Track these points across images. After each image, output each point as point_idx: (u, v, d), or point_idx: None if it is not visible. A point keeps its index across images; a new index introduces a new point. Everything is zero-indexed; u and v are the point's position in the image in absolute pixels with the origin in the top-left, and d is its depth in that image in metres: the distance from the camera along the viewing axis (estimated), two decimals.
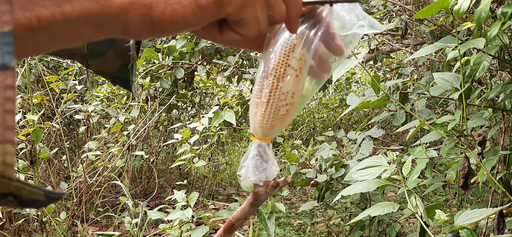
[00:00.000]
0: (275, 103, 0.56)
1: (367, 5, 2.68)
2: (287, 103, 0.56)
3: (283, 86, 0.55)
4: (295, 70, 0.55)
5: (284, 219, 3.02)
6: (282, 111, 0.56)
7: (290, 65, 0.55)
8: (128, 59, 0.55)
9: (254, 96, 0.58)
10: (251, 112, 0.58)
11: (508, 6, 1.23)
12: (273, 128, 0.57)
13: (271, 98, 0.56)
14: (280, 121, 0.57)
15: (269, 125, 0.57)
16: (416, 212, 1.22)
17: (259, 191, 0.62)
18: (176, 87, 3.23)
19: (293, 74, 0.55)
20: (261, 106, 0.57)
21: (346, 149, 2.34)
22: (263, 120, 0.57)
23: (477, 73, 1.29)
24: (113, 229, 2.84)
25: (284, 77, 0.55)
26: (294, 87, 0.56)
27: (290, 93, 0.56)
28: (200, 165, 2.35)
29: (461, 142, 1.34)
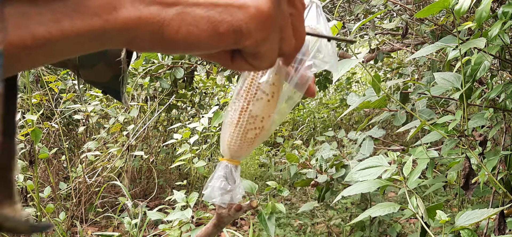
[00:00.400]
0: (243, 125, 0.55)
1: (368, 4, 2.68)
2: (256, 127, 0.55)
3: (253, 109, 0.54)
4: (266, 95, 0.54)
5: (284, 220, 3.01)
6: (250, 134, 0.55)
7: (260, 89, 0.54)
8: (119, 70, 0.54)
9: (227, 115, 0.57)
10: (222, 131, 0.57)
11: (509, 5, 1.23)
12: (241, 150, 0.56)
13: (240, 120, 0.55)
14: (247, 144, 0.56)
15: (237, 147, 0.56)
16: (417, 213, 1.22)
17: (222, 213, 0.61)
18: (175, 87, 3.22)
19: (264, 98, 0.54)
20: (230, 126, 0.56)
21: (346, 149, 2.33)
22: (231, 141, 0.56)
23: (478, 73, 1.28)
24: (112, 230, 2.83)
25: (254, 100, 0.54)
26: (264, 112, 0.54)
27: (259, 117, 0.55)
28: (199, 165, 2.34)
29: (462, 142, 1.33)
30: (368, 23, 2.67)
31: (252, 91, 0.54)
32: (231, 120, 0.56)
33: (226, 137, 0.57)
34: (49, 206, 2.18)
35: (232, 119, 0.56)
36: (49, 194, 2.30)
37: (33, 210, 2.11)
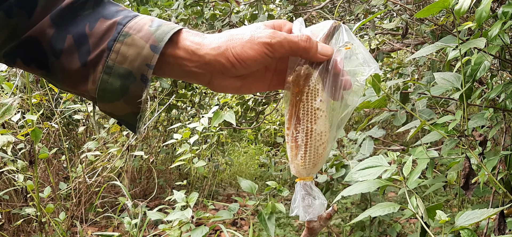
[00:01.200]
0: (313, 144, 0.62)
1: (368, 5, 2.67)
2: (323, 142, 0.62)
3: (317, 128, 0.61)
4: (323, 111, 0.62)
5: (284, 220, 3.01)
6: (320, 150, 0.62)
7: (319, 108, 0.61)
8: (137, 109, 0.57)
9: (289, 141, 0.64)
10: (290, 155, 0.64)
11: (509, 5, 1.23)
12: (316, 166, 0.63)
13: (309, 141, 0.62)
14: (320, 158, 0.63)
15: (312, 164, 0.63)
16: (417, 213, 1.22)
17: (314, 225, 0.69)
18: (175, 87, 3.22)
19: (323, 115, 0.61)
20: (300, 150, 0.62)
21: (346, 149, 2.33)
22: (305, 163, 0.63)
23: (478, 73, 1.28)
24: (112, 230, 2.83)
25: (316, 119, 0.61)
26: (325, 126, 0.62)
27: (324, 132, 0.62)
28: (199, 165, 2.34)
29: (462, 142, 1.33)
30: (368, 23, 2.67)
31: (312, 113, 0.61)
32: (299, 144, 0.62)
33: (298, 160, 0.63)
34: (49, 206, 2.18)
35: (300, 143, 0.62)
36: (49, 194, 2.30)
37: (33, 210, 2.11)
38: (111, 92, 0.55)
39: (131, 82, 0.54)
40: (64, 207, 2.63)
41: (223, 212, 1.79)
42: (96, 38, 0.54)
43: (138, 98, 0.55)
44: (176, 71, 0.59)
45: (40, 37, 0.55)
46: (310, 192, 0.63)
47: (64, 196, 2.80)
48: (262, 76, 0.64)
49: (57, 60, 0.55)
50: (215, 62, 0.58)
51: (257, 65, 0.58)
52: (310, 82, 0.61)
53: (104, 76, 0.54)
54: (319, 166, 0.64)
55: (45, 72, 0.57)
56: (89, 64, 0.54)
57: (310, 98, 0.61)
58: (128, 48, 0.54)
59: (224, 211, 1.80)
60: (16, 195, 2.59)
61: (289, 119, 0.63)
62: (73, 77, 0.56)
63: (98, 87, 0.55)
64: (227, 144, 4.18)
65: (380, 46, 2.87)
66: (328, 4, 2.83)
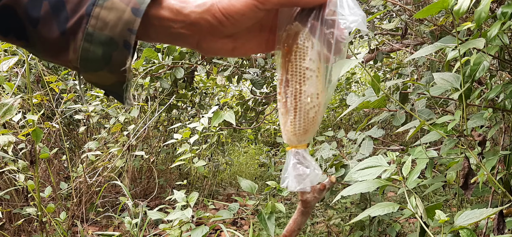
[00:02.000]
0: (303, 107, 0.56)
1: (367, 5, 2.68)
2: (314, 105, 0.56)
3: (307, 89, 0.56)
4: (313, 71, 0.56)
5: (284, 219, 3.02)
6: (311, 113, 0.56)
7: (308, 68, 0.55)
8: (123, 77, 0.54)
9: (280, 107, 0.58)
10: (281, 123, 0.58)
11: (508, 6, 1.23)
12: (307, 132, 0.57)
13: (298, 104, 0.56)
14: (311, 124, 0.57)
15: (302, 130, 0.57)
16: (416, 212, 1.22)
17: (308, 197, 0.60)
18: (176, 87, 3.23)
19: (313, 75, 0.56)
20: (290, 114, 0.57)
21: (346, 149, 2.34)
22: (295, 128, 0.57)
23: (477, 73, 1.29)
24: (113, 229, 2.84)
25: (305, 80, 0.55)
26: (317, 88, 0.56)
27: (315, 94, 0.56)
28: (200, 165, 2.34)
29: (461, 142, 1.34)
30: (368, 24, 2.68)
31: (300, 73, 0.55)
32: (288, 108, 0.56)
33: (288, 126, 0.57)
34: (50, 206, 2.19)
35: (289, 107, 0.56)
36: (49, 194, 2.31)
37: (34, 209, 2.11)
38: (93, 61, 0.52)
39: (113, 49, 0.52)
40: (65, 206, 2.64)
41: (223, 211, 1.80)
42: (73, 3, 0.51)
43: (122, 66, 0.53)
44: (162, 35, 0.55)
45: (15, 5, 0.52)
46: (303, 161, 0.57)
47: (64, 196, 2.81)
48: (257, 35, 0.59)
49: (35, 29, 0.53)
50: (201, 20, 0.54)
51: (246, 20, 0.54)
52: (298, 40, 0.55)
53: (85, 44, 0.51)
54: (311, 132, 0.57)
55: (24, 43, 0.55)
56: (69, 32, 0.52)
57: (299, 58, 0.55)
58: (108, 13, 0.51)
59: (224, 210, 1.81)
60: (17, 195, 2.59)
61: (280, 83, 0.57)
62: (53, 46, 0.53)
63: (79, 57, 0.52)
64: (227, 144, 4.19)
65: (379, 46, 2.87)
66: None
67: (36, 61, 2.68)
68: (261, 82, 3.05)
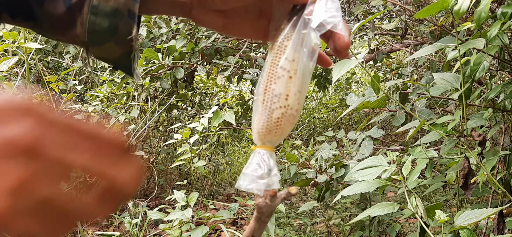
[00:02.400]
0: (268, 106, 0.54)
1: (367, 5, 2.68)
2: (281, 106, 0.53)
3: (276, 88, 0.53)
4: (287, 71, 0.53)
5: (284, 219, 3.02)
6: (275, 114, 0.54)
7: (281, 66, 0.53)
8: (130, 48, 0.55)
9: (255, 103, 0.56)
10: (252, 119, 0.56)
11: (508, 6, 1.23)
12: (270, 133, 0.54)
13: (265, 100, 0.54)
14: (275, 125, 0.54)
15: (265, 130, 0.54)
16: (416, 212, 1.22)
17: (260, 203, 0.60)
18: (176, 87, 3.23)
19: (285, 75, 0.53)
20: (256, 112, 0.55)
21: (346, 149, 2.34)
22: (259, 126, 0.55)
23: (477, 73, 1.29)
24: (113, 229, 2.84)
25: (275, 78, 0.53)
26: (287, 89, 0.54)
27: (283, 95, 0.53)
28: (200, 165, 2.34)
29: (461, 142, 1.34)
30: (368, 24, 2.68)
31: (273, 71, 0.54)
32: (257, 104, 0.55)
33: (254, 123, 0.55)
34: None
35: (257, 103, 0.55)
36: None
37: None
38: (100, 33, 0.53)
39: (119, 20, 0.53)
40: None
41: (223, 211, 1.80)
42: None
43: (128, 36, 0.54)
44: (161, 4, 0.57)
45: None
46: (262, 164, 0.55)
47: None
48: (254, 21, 0.59)
49: (41, 8, 0.54)
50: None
51: (236, 1, 0.54)
52: (279, 37, 0.54)
53: (91, 17, 0.53)
54: (274, 133, 0.55)
55: (32, 23, 0.56)
56: (74, 7, 0.53)
57: (275, 56, 0.54)
58: None
59: (224, 210, 1.81)
60: None
61: (259, 81, 0.56)
62: (60, 23, 0.54)
63: (87, 30, 0.53)
64: (227, 144, 4.19)
65: (379, 46, 2.87)
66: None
67: (36, 61, 2.68)
68: None
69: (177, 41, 2.85)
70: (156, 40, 3.07)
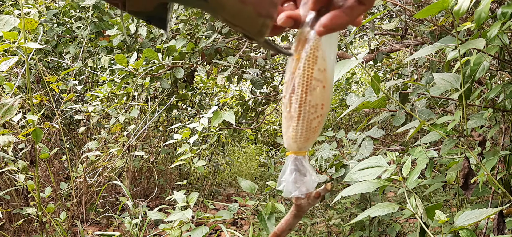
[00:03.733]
0: (306, 116, 0.57)
1: None
2: (318, 115, 0.57)
3: (312, 99, 0.56)
4: (321, 82, 0.56)
5: None
6: (314, 123, 0.57)
7: (315, 77, 0.56)
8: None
9: (284, 111, 0.59)
10: (283, 127, 0.59)
11: (508, 6, 1.23)
12: (308, 140, 0.58)
13: (302, 112, 0.57)
14: (313, 133, 0.58)
15: (303, 138, 0.58)
16: (416, 213, 1.22)
17: (302, 203, 0.62)
18: (176, 87, 3.23)
19: (320, 86, 0.56)
20: (292, 121, 0.58)
21: (346, 149, 2.34)
22: (296, 135, 0.58)
23: (477, 74, 1.29)
24: (113, 230, 2.83)
25: (311, 90, 0.56)
26: (322, 99, 0.57)
27: (319, 105, 0.57)
28: (200, 165, 2.34)
29: (461, 142, 1.34)
30: (368, 24, 2.68)
31: (307, 82, 0.56)
32: (292, 114, 0.57)
33: (290, 132, 0.58)
34: (50, 206, 2.19)
35: (292, 113, 0.57)
36: (49, 194, 2.31)
37: (34, 210, 2.11)
38: None
39: None
40: (65, 207, 2.64)
41: (223, 212, 1.80)
42: None
43: None
44: None
45: None
46: (300, 168, 0.59)
47: (64, 196, 2.81)
48: None
49: None
50: None
51: None
52: (308, 47, 0.56)
53: None
54: (312, 140, 0.59)
55: None
56: None
57: (307, 66, 0.56)
58: None
59: (224, 211, 1.81)
60: (17, 195, 2.59)
61: (286, 87, 0.58)
62: None
63: None
64: (227, 144, 4.19)
65: (379, 46, 2.87)
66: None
67: (36, 61, 2.68)
68: (261, 82, 3.05)
69: (177, 41, 2.85)
70: (156, 40, 3.07)
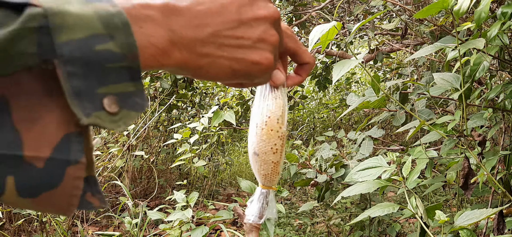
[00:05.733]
0: (283, 155, 0.65)
1: (367, 5, 2.68)
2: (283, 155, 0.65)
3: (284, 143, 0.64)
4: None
5: (284, 219, 3.02)
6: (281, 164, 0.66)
7: (284, 123, 0.63)
8: None
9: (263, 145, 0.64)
10: (260, 161, 0.65)
11: (508, 6, 1.23)
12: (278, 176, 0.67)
13: (283, 152, 0.64)
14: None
15: (277, 176, 0.66)
16: (416, 213, 1.22)
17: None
18: (176, 87, 3.23)
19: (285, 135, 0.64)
20: (275, 156, 0.64)
21: (346, 149, 2.34)
22: (274, 172, 0.65)
23: (477, 73, 1.29)
24: (113, 229, 2.83)
25: (284, 134, 0.64)
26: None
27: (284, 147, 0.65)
28: (200, 165, 2.34)
29: (461, 142, 1.34)
30: (368, 24, 2.68)
31: (284, 126, 0.63)
32: (275, 152, 0.63)
33: (269, 168, 0.65)
34: None
35: (276, 152, 0.63)
36: None
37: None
38: None
39: None
40: None
41: (223, 212, 1.80)
42: None
43: None
44: None
45: None
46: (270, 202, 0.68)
47: None
48: None
49: None
50: None
51: None
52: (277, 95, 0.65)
53: None
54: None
55: None
56: None
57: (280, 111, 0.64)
58: None
59: (224, 211, 1.81)
60: None
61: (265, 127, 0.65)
62: None
63: None
64: (227, 144, 4.19)
65: (379, 46, 2.87)
66: (327, 4, 2.83)
67: None
68: None
69: None
70: None
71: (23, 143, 0.30)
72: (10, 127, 0.30)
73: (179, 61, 0.39)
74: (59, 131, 0.31)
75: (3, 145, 0.30)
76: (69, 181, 0.32)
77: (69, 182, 0.32)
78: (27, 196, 0.31)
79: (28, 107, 0.30)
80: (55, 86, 0.31)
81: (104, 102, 0.32)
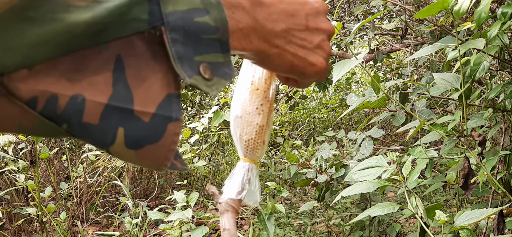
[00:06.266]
0: (270, 128, 0.64)
1: (367, 5, 2.68)
2: (270, 128, 0.66)
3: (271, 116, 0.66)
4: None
5: (284, 219, 3.02)
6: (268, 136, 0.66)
7: (273, 96, 0.65)
8: None
9: (254, 116, 0.64)
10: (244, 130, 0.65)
11: (508, 6, 1.23)
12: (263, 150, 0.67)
13: (269, 124, 0.64)
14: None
15: (264, 150, 0.66)
16: (416, 213, 1.22)
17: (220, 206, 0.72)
18: None
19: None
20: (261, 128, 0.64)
21: (346, 149, 2.34)
22: (262, 143, 0.65)
23: (477, 73, 1.29)
24: (113, 229, 2.83)
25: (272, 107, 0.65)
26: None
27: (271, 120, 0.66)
28: (200, 165, 2.34)
29: (461, 142, 1.34)
30: (368, 24, 2.68)
31: (272, 90, 0.63)
32: (261, 114, 0.62)
33: (253, 131, 0.63)
34: (50, 206, 2.19)
35: (261, 112, 0.62)
36: (50, 194, 2.31)
37: (34, 209, 2.11)
38: None
39: None
40: (65, 206, 2.64)
41: None
42: None
43: None
44: None
45: None
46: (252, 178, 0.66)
47: (65, 196, 2.81)
48: None
49: None
50: None
51: None
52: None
53: None
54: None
55: None
56: None
57: (272, 86, 0.67)
58: None
59: None
60: (17, 195, 2.59)
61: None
62: None
63: None
64: (227, 144, 4.19)
65: (379, 46, 2.87)
66: (327, 4, 2.83)
67: None
68: None
69: None
70: None
71: (133, 98, 0.34)
72: (124, 83, 0.34)
73: (256, 47, 0.44)
74: (163, 91, 0.35)
75: (118, 98, 0.34)
76: (169, 136, 0.36)
77: (169, 137, 0.36)
78: (132, 147, 0.35)
79: (138, 67, 0.35)
80: (160, 50, 0.35)
81: (200, 68, 0.36)
